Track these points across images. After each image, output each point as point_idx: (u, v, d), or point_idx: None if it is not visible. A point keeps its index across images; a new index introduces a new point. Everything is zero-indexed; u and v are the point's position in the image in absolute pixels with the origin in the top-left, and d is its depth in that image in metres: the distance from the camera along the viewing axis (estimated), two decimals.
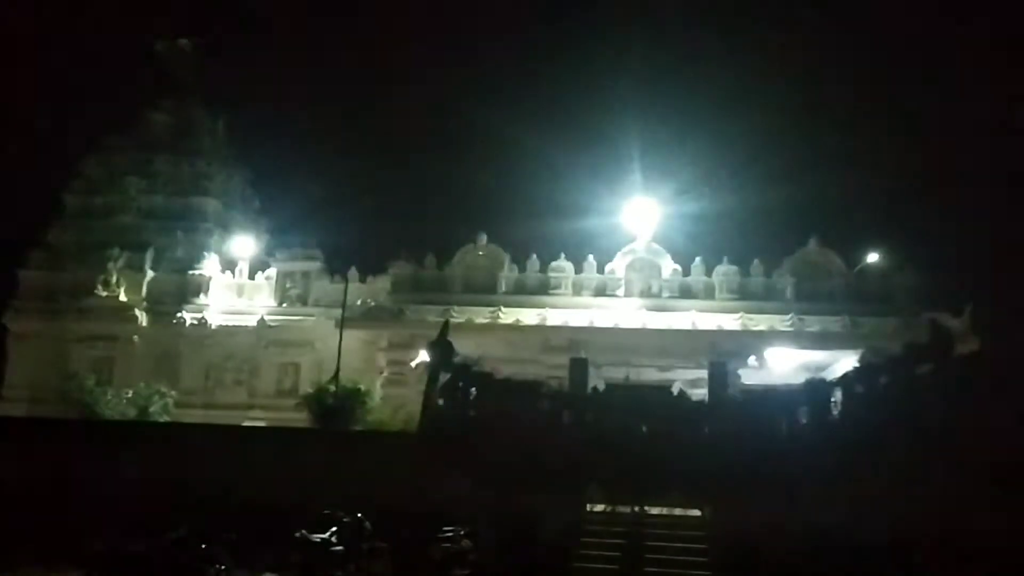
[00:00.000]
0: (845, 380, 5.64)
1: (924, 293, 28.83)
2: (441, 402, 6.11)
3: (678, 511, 17.25)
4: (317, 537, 12.35)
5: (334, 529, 12.97)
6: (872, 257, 29.80)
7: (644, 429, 6.12)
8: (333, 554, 12.34)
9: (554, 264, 31.26)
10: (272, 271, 34.15)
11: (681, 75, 54.08)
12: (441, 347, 6.03)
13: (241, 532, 12.10)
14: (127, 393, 24.62)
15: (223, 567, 10.15)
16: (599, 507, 17.43)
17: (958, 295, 28.30)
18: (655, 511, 16.75)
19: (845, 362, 26.74)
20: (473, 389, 6.17)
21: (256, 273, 34.46)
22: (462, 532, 13.38)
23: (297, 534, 12.10)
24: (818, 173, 38.08)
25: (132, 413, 23.56)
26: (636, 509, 13.84)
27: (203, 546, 10.03)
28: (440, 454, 6.43)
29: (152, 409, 24.03)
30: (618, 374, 27.71)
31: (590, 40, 54.82)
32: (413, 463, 6.37)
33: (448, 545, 12.79)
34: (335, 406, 20.38)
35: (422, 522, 13.39)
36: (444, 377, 6.23)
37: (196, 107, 38.42)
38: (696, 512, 17.80)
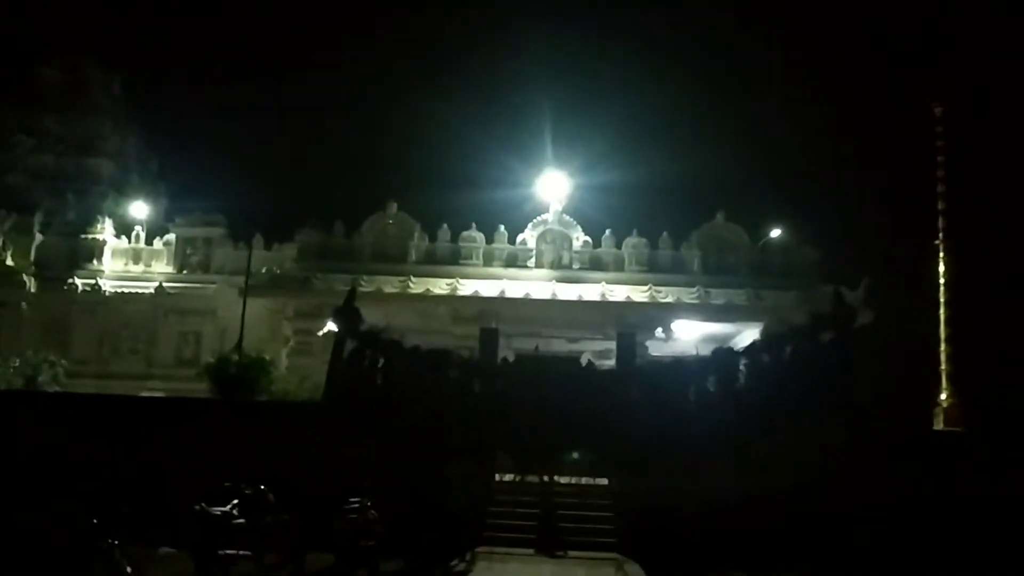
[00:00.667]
0: (751, 349, 5.68)
1: (823, 267, 29.84)
2: (347, 371, 5.85)
3: (585, 480, 17.49)
4: (217, 510, 11.89)
5: (235, 502, 12.54)
6: (775, 232, 30.64)
7: (552, 399, 6.04)
8: (234, 527, 11.92)
9: (465, 234, 30.99)
10: (171, 237, 32.86)
11: (592, 47, 54.28)
12: (347, 314, 5.77)
13: (137, 506, 11.55)
14: (14, 362, 23.24)
15: (115, 542, 9.65)
16: (508, 477, 17.50)
17: (854, 269, 29.35)
18: (563, 480, 16.92)
19: (748, 334, 27.54)
20: (381, 358, 5.93)
21: (154, 239, 33.10)
22: (369, 503, 13.15)
23: (196, 507, 11.61)
24: (725, 147, 38.89)
25: (19, 383, 22.25)
26: (545, 479, 13.83)
27: (94, 521, 9.51)
28: (346, 424, 6.18)
29: (41, 379, 22.74)
30: (528, 345, 27.77)
31: (500, 8, 54.30)
32: (318, 433, 6.10)
33: (355, 516, 12.54)
34: (238, 376, 19.67)
35: (328, 494, 13.08)
36: (351, 345, 5.98)
37: (90, 63, 36.35)
38: (603, 481, 18.08)
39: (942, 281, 29.01)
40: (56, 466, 15.65)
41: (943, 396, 25.57)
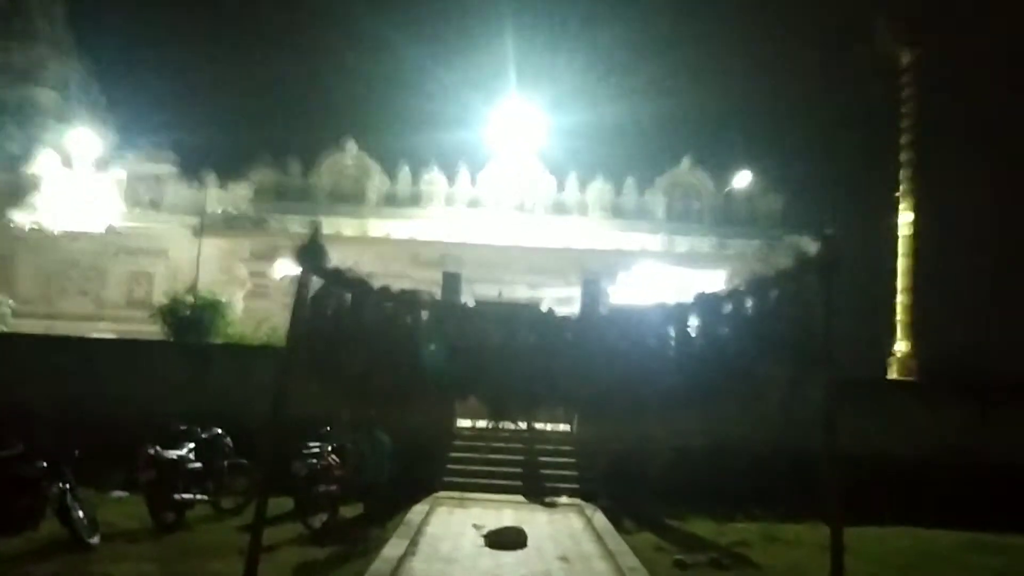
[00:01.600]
0: (736, 294, 5.45)
1: (786, 215, 29.89)
2: (312, 311, 5.51)
3: (550, 427, 17.42)
4: (172, 453, 11.48)
5: (191, 445, 12.14)
6: (739, 180, 30.52)
7: (527, 344, 5.81)
8: (190, 471, 11.54)
9: (426, 175, 30.38)
10: (121, 172, 31.65)
11: None
12: (312, 251, 5.40)
13: (89, 450, 11.10)
14: None
15: (66, 485, 9.22)
16: (468, 422, 17.34)
17: (817, 218, 29.43)
18: (523, 426, 16.80)
19: (712, 281, 27.61)
20: (348, 297, 5.60)
21: (103, 174, 31.85)
22: (329, 447, 12.86)
23: (150, 451, 11.17)
24: (691, 92, 38.48)
25: None
26: (524, 425, 13.51)
27: (43, 464, 9.05)
28: (309, 367, 5.83)
29: None
30: (490, 291, 27.53)
31: None
32: (278, 377, 5.76)
33: (314, 461, 12.23)
34: (192, 318, 19.12)
35: (287, 438, 12.73)
36: (315, 285, 5.63)
37: None
38: (565, 427, 18.03)
39: (901, 233, 29.27)
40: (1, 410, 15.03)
41: (897, 346, 25.93)
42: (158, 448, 11.23)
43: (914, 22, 32.68)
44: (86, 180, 31.61)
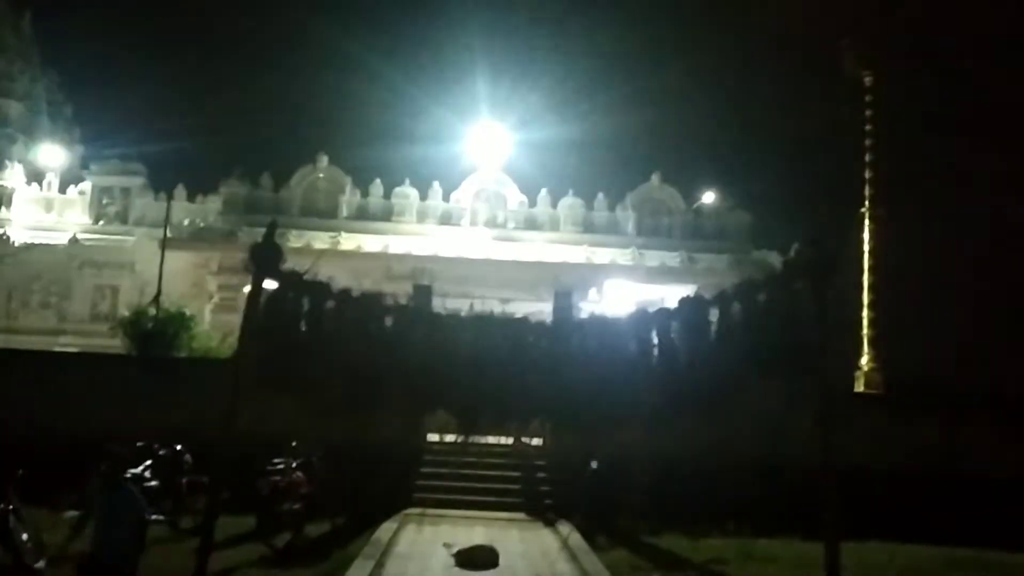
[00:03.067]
0: (723, 297, 5.32)
1: (754, 232, 30.06)
2: (266, 317, 5.26)
3: (527, 440, 17.19)
4: (127, 472, 11.13)
5: (148, 463, 11.82)
6: (708, 195, 30.67)
7: (488, 352, 5.65)
8: (146, 490, 11.20)
9: (398, 190, 30.20)
10: (87, 185, 31.12)
11: (528, 2, 53.18)
12: (267, 251, 5.15)
13: (44, 468, 10.75)
14: None
15: (9, 506, 8.85)
16: (438, 436, 17.07)
17: (785, 234, 29.60)
18: (494, 440, 16.59)
19: (679, 296, 27.61)
20: (306, 301, 5.37)
21: (68, 187, 31.32)
22: (294, 464, 12.59)
23: (103, 467, 10.82)
24: (661, 108, 38.66)
25: None
26: (475, 439, 13.27)
27: None
28: (265, 377, 5.60)
29: None
30: (461, 305, 27.27)
31: None
32: (230, 387, 5.53)
33: (278, 478, 11.95)
34: (155, 331, 18.71)
35: (250, 454, 12.44)
36: (271, 287, 5.40)
37: None
38: (537, 441, 17.81)
39: (866, 249, 29.57)
40: None
41: (864, 360, 26.07)
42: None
43: (877, 45, 33.20)
44: (51, 192, 31.06)
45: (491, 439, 15.83)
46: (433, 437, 17.26)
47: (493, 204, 30.44)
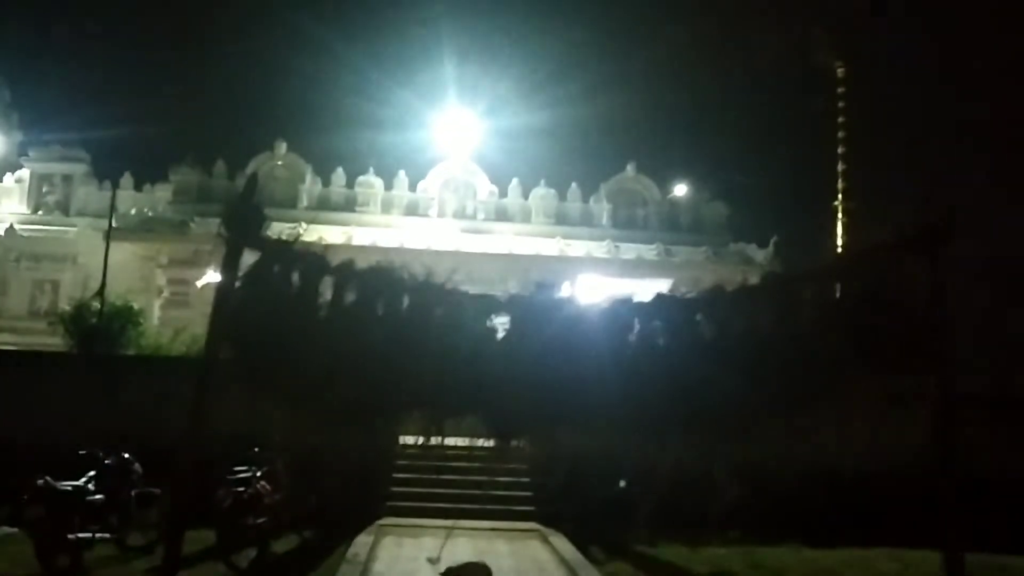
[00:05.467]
0: (815, 274, 4.23)
1: (733, 224, 29.29)
2: (246, 295, 4.00)
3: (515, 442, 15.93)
4: (67, 484, 9.68)
5: (92, 473, 10.34)
6: (684, 186, 29.82)
7: (531, 343, 4.54)
8: (89, 504, 9.74)
9: (362, 179, 28.81)
10: (25, 172, 29.12)
11: None
12: (246, 212, 3.94)
13: None
14: None
15: None
16: (411, 439, 15.74)
17: (761, 228, 28.94)
18: (480, 443, 15.35)
19: (656, 290, 26.69)
20: (296, 276, 4.12)
21: (4, 174, 29.27)
22: (259, 472, 11.18)
23: (39, 481, 9.36)
24: (637, 98, 37.73)
25: None
26: (450, 441, 11.94)
27: None
28: (239, 372, 4.33)
29: None
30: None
31: None
32: (197, 384, 4.28)
33: (240, 489, 10.55)
34: (99, 327, 17.11)
35: (208, 461, 11.03)
36: (250, 260, 4.18)
37: None
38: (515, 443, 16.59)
39: (839, 243, 29.07)
40: None
41: None
42: (48, 479, 9.42)
43: (847, 36, 32.73)
44: None
45: (463, 441, 14.65)
46: (407, 440, 15.99)
47: (462, 194, 29.19)
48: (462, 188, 29.32)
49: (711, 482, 13.61)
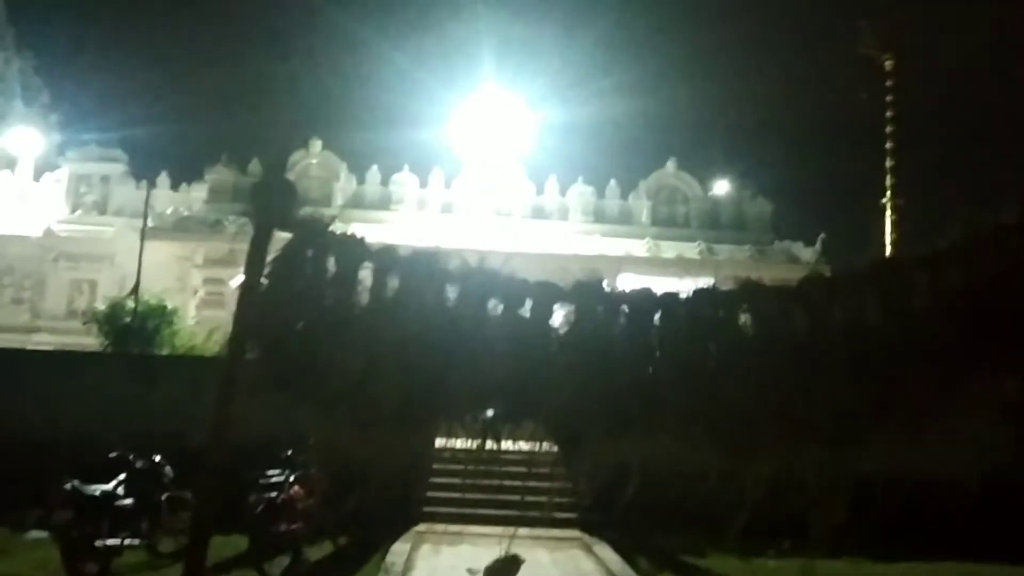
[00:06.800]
0: (930, 260, 3.69)
1: (777, 221, 28.45)
2: (276, 284, 3.54)
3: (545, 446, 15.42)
4: (95, 489, 9.37)
5: (122, 477, 10.02)
6: (727, 183, 29.02)
7: (600, 336, 4.03)
8: (118, 509, 9.41)
9: (396, 176, 28.44)
10: (63, 173, 29.19)
11: None
12: (275, 190, 3.46)
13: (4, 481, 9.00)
14: None
15: None
16: (448, 441, 15.27)
17: (808, 225, 28.08)
18: (508, 446, 14.84)
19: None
20: (332, 261, 3.65)
21: (43, 175, 29.37)
22: (292, 477, 10.80)
23: (67, 485, 9.06)
24: (676, 91, 36.95)
25: None
26: (490, 445, 11.39)
27: None
28: (267, 370, 3.87)
29: None
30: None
31: None
32: (222, 382, 3.86)
33: (273, 494, 10.16)
34: (133, 326, 16.89)
35: (241, 465, 10.66)
36: (280, 244, 3.72)
37: None
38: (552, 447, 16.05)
39: (888, 240, 28.14)
40: None
41: None
42: (76, 483, 9.09)
43: (896, 27, 31.66)
44: (25, 180, 29.15)
45: (508, 444, 14.13)
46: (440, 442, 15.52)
47: (498, 192, 28.64)
48: (498, 186, 28.82)
49: (808, 492, 12.90)
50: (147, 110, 35.70)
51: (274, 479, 10.62)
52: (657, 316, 4.64)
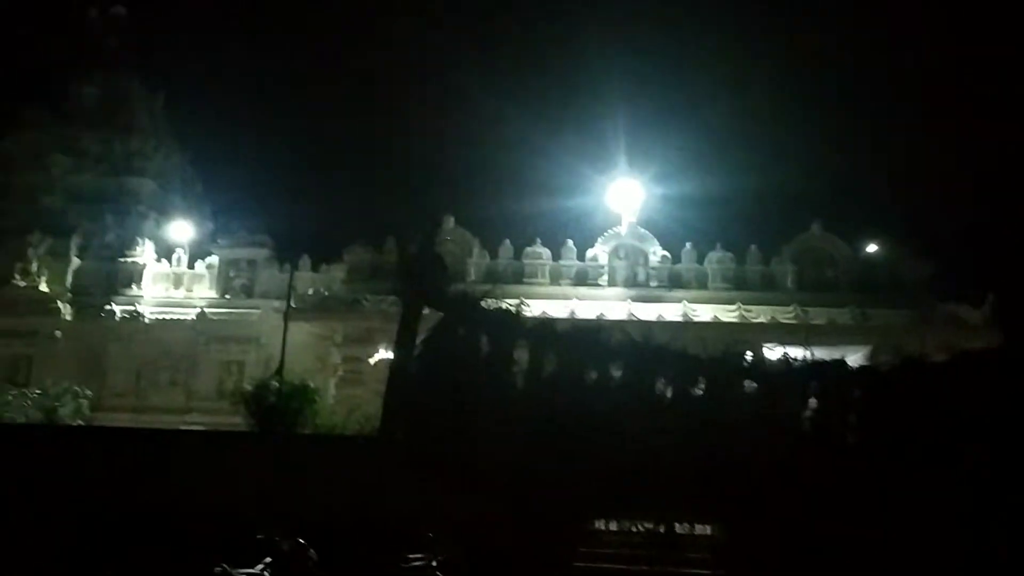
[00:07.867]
0: None
1: (937, 282, 26.38)
2: (429, 361, 3.17)
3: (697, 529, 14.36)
4: (243, 572, 9.18)
5: (268, 560, 9.83)
6: (879, 243, 27.27)
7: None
8: None
9: (529, 250, 28.35)
10: (214, 259, 30.78)
11: (669, 47, 51.40)
12: (426, 265, 3.14)
13: (144, 559, 8.94)
14: (34, 393, 21.00)
15: None
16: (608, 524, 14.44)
17: (974, 285, 25.88)
18: (660, 529, 13.83)
19: (852, 359, 24.20)
20: (484, 339, 3.22)
21: (196, 261, 31.06)
22: (434, 562, 10.29)
23: (217, 569, 8.91)
24: (817, 153, 35.65)
25: (38, 416, 19.95)
26: (651, 527, 10.63)
27: None
28: (413, 450, 3.44)
29: (62, 411, 20.44)
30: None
31: (573, 8, 51.74)
32: (373, 469, 3.45)
33: None
34: (278, 405, 17.10)
35: (384, 547, 10.31)
36: (431, 321, 3.34)
37: (130, 80, 34.73)
38: (706, 530, 14.91)
39: None
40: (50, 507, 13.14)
41: None
42: (225, 566, 8.93)
43: None
44: (180, 268, 30.88)
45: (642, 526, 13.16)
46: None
47: (632, 261, 28.06)
48: (632, 254, 28.22)
49: None
50: (292, 196, 37.47)
51: (416, 563, 10.16)
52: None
